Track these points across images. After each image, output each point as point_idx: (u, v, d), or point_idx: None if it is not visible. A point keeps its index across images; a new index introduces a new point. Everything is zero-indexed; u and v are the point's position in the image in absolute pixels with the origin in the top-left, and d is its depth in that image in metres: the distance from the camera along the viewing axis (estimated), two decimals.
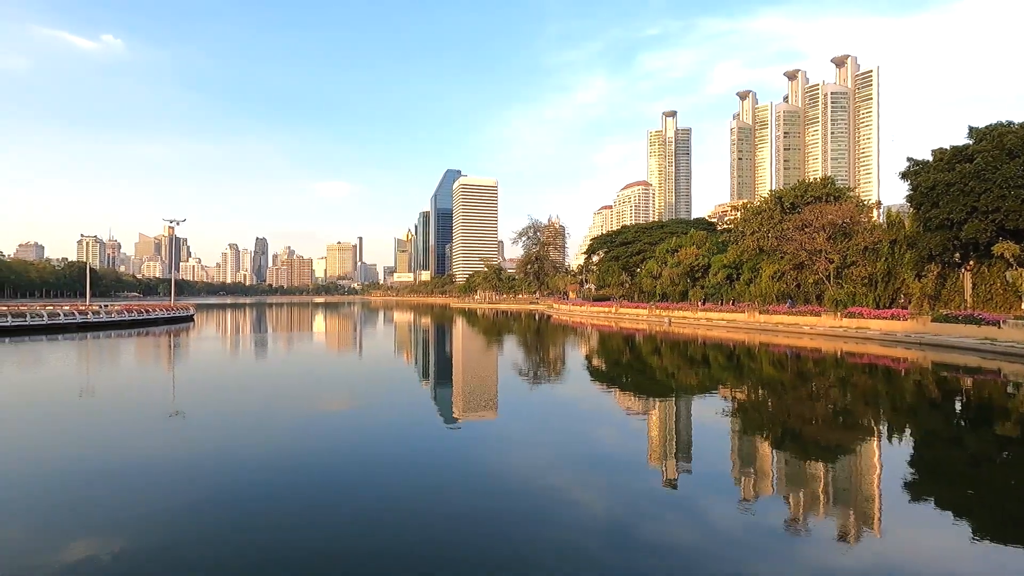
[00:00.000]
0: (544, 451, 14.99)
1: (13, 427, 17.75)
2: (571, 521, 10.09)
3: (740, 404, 22.35)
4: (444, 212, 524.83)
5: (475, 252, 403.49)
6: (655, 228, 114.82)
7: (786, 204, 66.17)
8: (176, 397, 23.55)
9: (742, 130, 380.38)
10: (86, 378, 29.25)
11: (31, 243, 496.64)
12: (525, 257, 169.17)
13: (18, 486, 11.97)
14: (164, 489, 11.72)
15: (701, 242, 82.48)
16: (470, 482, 12.28)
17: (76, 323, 62.22)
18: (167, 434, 16.71)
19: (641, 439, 16.72)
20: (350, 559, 8.66)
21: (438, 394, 24.95)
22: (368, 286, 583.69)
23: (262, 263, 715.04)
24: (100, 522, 10.05)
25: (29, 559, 8.57)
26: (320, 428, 17.76)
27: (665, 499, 11.47)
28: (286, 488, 11.79)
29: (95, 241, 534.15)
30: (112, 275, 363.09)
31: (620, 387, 27.75)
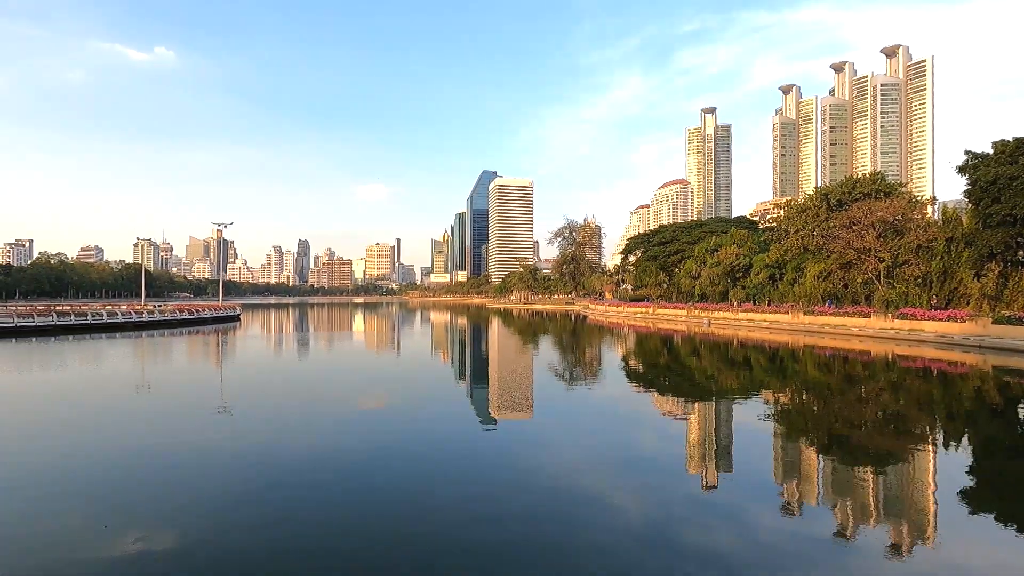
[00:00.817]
0: (579, 452, 14.91)
1: (75, 420, 18.82)
2: (607, 523, 9.99)
3: (783, 408, 21.67)
4: (480, 213, 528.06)
5: (511, 253, 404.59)
6: (694, 227, 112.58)
7: (833, 201, 63.80)
8: (224, 394, 24.48)
9: (785, 125, 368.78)
10: (142, 375, 30.74)
11: (92, 246, 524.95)
12: (561, 257, 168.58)
13: (79, 476, 12.67)
14: (211, 482, 12.21)
15: (742, 241, 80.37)
16: (504, 482, 12.31)
17: (133, 322, 65.51)
18: (215, 429, 17.39)
19: (679, 442, 16.41)
20: (383, 554, 8.82)
21: (474, 394, 25.12)
22: (405, 287, 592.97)
23: (304, 264, 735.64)
24: (150, 512, 10.52)
25: (88, 546, 9.07)
26: (358, 426, 18.14)
27: (705, 504, 11.21)
28: (325, 484, 12.09)
29: (149, 244, 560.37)
30: (165, 276, 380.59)
31: (658, 389, 27.31)
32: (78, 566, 8.36)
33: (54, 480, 12.32)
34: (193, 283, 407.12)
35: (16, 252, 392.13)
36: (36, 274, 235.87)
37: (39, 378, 28.68)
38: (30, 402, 22.41)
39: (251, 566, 8.41)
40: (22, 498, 11.21)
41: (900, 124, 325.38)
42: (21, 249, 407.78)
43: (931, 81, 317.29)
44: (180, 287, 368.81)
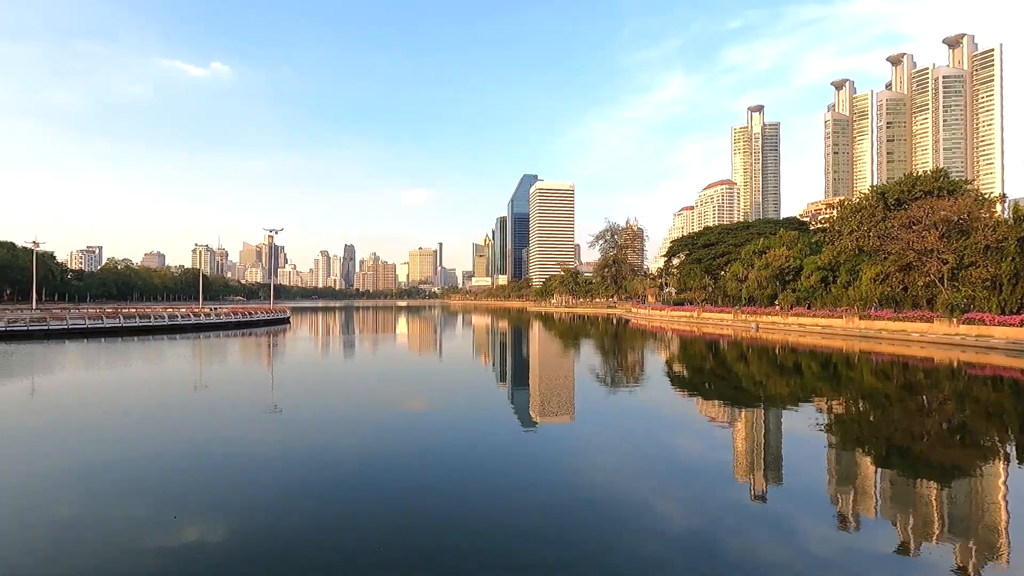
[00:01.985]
0: (622, 458, 14.70)
1: (139, 417, 19.93)
2: (649, 531, 9.81)
3: (838, 416, 20.74)
4: (521, 217, 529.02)
5: (552, 256, 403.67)
6: (740, 229, 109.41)
7: (890, 200, 60.73)
8: (275, 394, 25.39)
9: (838, 122, 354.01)
10: (199, 375, 32.26)
11: (155, 252, 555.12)
12: (602, 260, 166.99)
13: (143, 469, 13.40)
14: (263, 479, 12.68)
15: (792, 243, 77.54)
16: (545, 485, 12.26)
17: (191, 324, 68.88)
18: (266, 428, 18.07)
19: (726, 450, 15.95)
20: (425, 554, 8.93)
21: (515, 397, 25.16)
22: (447, 290, 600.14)
23: (350, 268, 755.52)
24: (206, 506, 11.02)
25: (148, 534, 9.59)
26: (402, 427, 18.45)
27: (753, 514, 10.84)
28: (369, 485, 12.36)
29: (206, 249, 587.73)
30: (220, 281, 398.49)
31: (703, 394, 26.63)
32: (148, 554, 8.84)
33: (122, 472, 13.07)
34: (246, 287, 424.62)
35: (87, 258, 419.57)
36: (105, 279, 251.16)
37: (107, 376, 30.52)
38: (99, 399, 23.86)
39: (295, 560, 8.69)
40: (91, 489, 11.95)
41: (965, 118, 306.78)
42: (92, 255, 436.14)
43: (999, 72, 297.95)
44: (234, 291, 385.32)
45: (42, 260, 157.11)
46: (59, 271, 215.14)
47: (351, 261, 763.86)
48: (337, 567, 8.49)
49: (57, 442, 16.13)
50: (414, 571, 8.43)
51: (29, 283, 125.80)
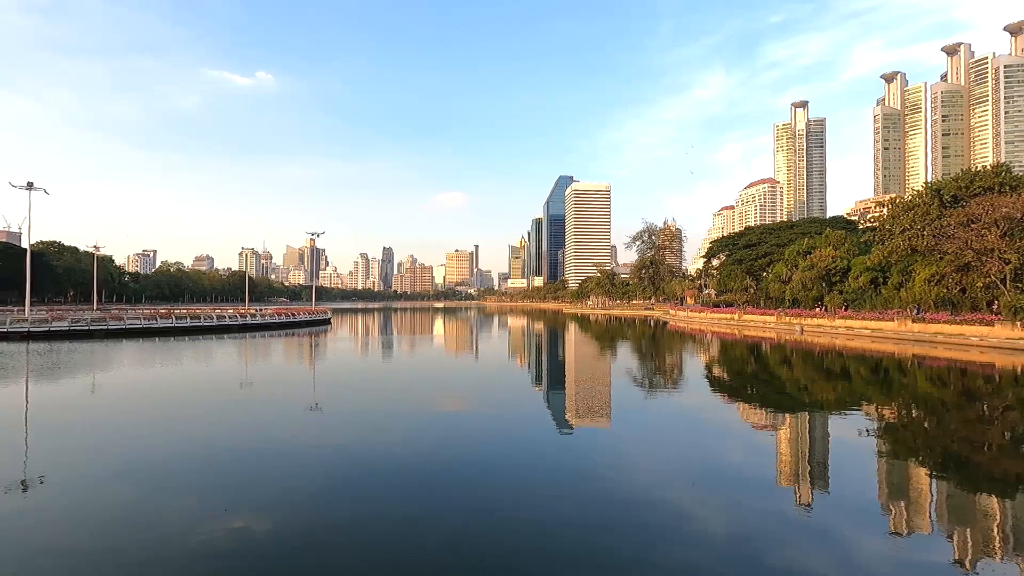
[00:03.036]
0: (660, 462, 14.47)
1: (188, 413, 20.82)
2: (690, 537, 9.63)
3: (889, 424, 19.84)
4: (557, 218, 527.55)
5: (588, 257, 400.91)
6: (784, 228, 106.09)
7: (946, 197, 57.77)
8: (316, 392, 26.09)
9: (888, 116, 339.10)
10: (245, 372, 33.46)
11: (204, 255, 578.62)
12: (639, 262, 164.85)
13: (192, 463, 14.00)
14: (302, 474, 13.05)
15: (839, 242, 74.71)
16: (582, 488, 12.17)
17: (238, 324, 71.49)
18: (307, 426, 18.60)
19: (768, 456, 15.48)
20: (458, 553, 9.00)
21: (551, 399, 25.09)
22: (483, 292, 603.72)
23: (388, 271, 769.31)
24: (250, 499, 11.41)
25: (202, 524, 10.01)
26: (437, 427, 18.66)
27: (797, 523, 10.49)
28: (406, 483, 12.55)
29: (252, 253, 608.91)
30: (265, 283, 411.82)
31: (744, 399, 25.93)
32: (204, 544, 9.24)
33: (175, 466, 13.69)
34: (289, 288, 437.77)
35: (143, 261, 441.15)
36: (159, 280, 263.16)
37: (161, 374, 32.01)
38: (154, 396, 25.03)
39: (334, 551, 8.91)
40: (147, 481, 12.56)
41: None
42: (147, 258, 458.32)
43: None
44: (278, 292, 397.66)
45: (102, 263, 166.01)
46: (117, 274, 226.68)
47: (389, 263, 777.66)
48: (373, 560, 8.66)
49: (115, 436, 17.02)
50: (447, 569, 8.52)
51: (91, 285, 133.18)
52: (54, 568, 8.48)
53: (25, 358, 38.25)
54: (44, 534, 9.68)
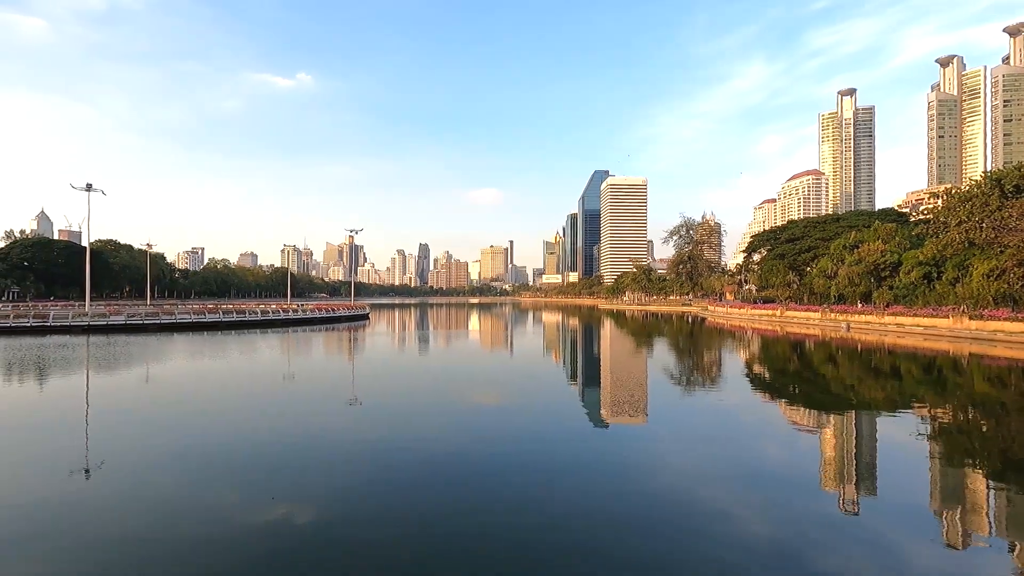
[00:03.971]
0: (697, 461, 14.21)
1: (234, 404, 21.65)
2: (729, 538, 9.42)
3: (943, 425, 18.93)
4: (592, 213, 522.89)
5: (623, 253, 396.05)
6: (829, 222, 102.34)
7: (1008, 186, 54.48)
8: (355, 386, 26.70)
9: (943, 103, 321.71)
10: (288, 366, 34.53)
11: (249, 252, 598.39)
12: (677, 257, 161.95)
13: (239, 453, 14.56)
14: (342, 465, 13.40)
15: (889, 236, 71.56)
16: (616, 485, 12.08)
17: (280, 319, 73.79)
18: (347, 418, 19.07)
19: (812, 457, 15.01)
20: (491, 552, 9.08)
21: (586, 395, 24.97)
22: (518, 287, 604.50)
23: (424, 267, 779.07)
24: (294, 489, 11.80)
25: (250, 512, 10.41)
26: (473, 421, 18.84)
27: (842, 527, 10.14)
28: (442, 476, 12.72)
29: (294, 249, 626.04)
30: (306, 279, 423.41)
31: (787, 398, 25.19)
32: (253, 530, 9.63)
33: (224, 455, 14.28)
34: (329, 284, 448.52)
35: (192, 258, 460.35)
36: (206, 277, 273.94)
37: (209, 367, 33.39)
38: (203, 388, 26.13)
39: (371, 540, 9.12)
40: (197, 469, 13.14)
41: None
42: (195, 255, 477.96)
43: None
44: (318, 288, 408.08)
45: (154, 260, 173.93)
46: (168, 270, 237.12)
47: (425, 259, 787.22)
48: (411, 551, 8.83)
49: (167, 425, 17.84)
50: (482, 563, 8.61)
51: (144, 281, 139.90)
52: (113, 548, 8.97)
53: (86, 350, 40.50)
54: (104, 516, 10.26)
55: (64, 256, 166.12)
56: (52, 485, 11.90)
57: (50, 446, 15.25)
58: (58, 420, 18.98)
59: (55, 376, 28.97)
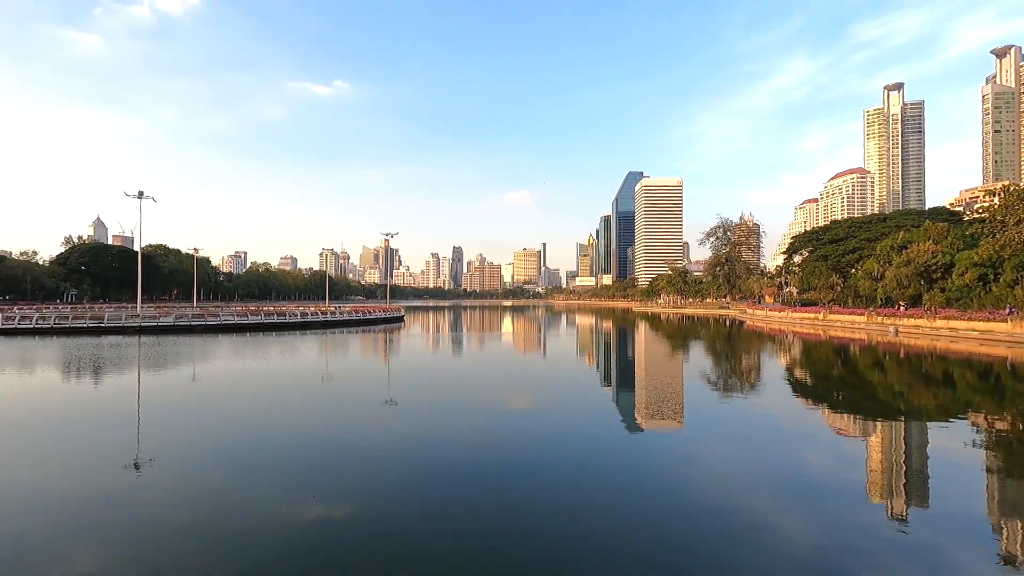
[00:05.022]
0: (736, 467, 13.87)
1: (275, 403, 22.31)
2: (770, 548, 9.16)
3: (1002, 435, 17.93)
4: (626, 215, 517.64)
5: (658, 255, 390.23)
6: (875, 221, 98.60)
7: None
8: (390, 387, 27.13)
9: (1000, 96, 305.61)
10: (326, 367, 35.36)
11: (289, 256, 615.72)
12: (714, 258, 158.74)
13: (280, 451, 14.98)
14: (378, 465, 13.63)
15: (940, 236, 68.38)
16: (651, 491, 11.91)
17: (319, 321, 75.62)
18: (383, 419, 19.40)
19: (857, 466, 14.46)
20: (524, 555, 9.07)
21: (620, 399, 24.71)
22: (551, 290, 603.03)
23: (458, 269, 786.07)
24: (332, 488, 12.08)
25: (293, 509, 10.72)
26: (506, 424, 18.88)
27: (890, 539, 9.73)
28: (474, 478, 12.81)
29: (331, 253, 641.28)
30: (343, 282, 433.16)
31: (830, 404, 24.35)
32: (296, 526, 9.93)
33: (264, 452, 14.74)
34: (365, 287, 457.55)
35: (235, 262, 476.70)
36: (249, 280, 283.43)
37: (252, 367, 34.51)
38: (245, 387, 27.01)
39: (407, 539, 9.26)
40: (241, 465, 13.61)
41: None
42: (239, 259, 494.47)
43: None
44: (355, 291, 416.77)
45: (201, 264, 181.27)
46: (213, 274, 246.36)
47: (459, 262, 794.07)
48: (442, 549, 8.93)
49: (213, 423, 18.55)
50: (514, 565, 8.62)
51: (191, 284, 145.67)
52: (163, 539, 9.37)
53: (137, 350, 42.43)
54: (154, 509, 10.72)
55: (118, 260, 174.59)
56: (108, 478, 12.52)
57: (106, 441, 16.04)
58: (113, 416, 19.95)
59: (110, 375, 30.48)
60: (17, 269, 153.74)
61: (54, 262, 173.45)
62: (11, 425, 18.45)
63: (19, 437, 16.67)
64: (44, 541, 9.33)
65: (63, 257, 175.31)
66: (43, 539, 9.40)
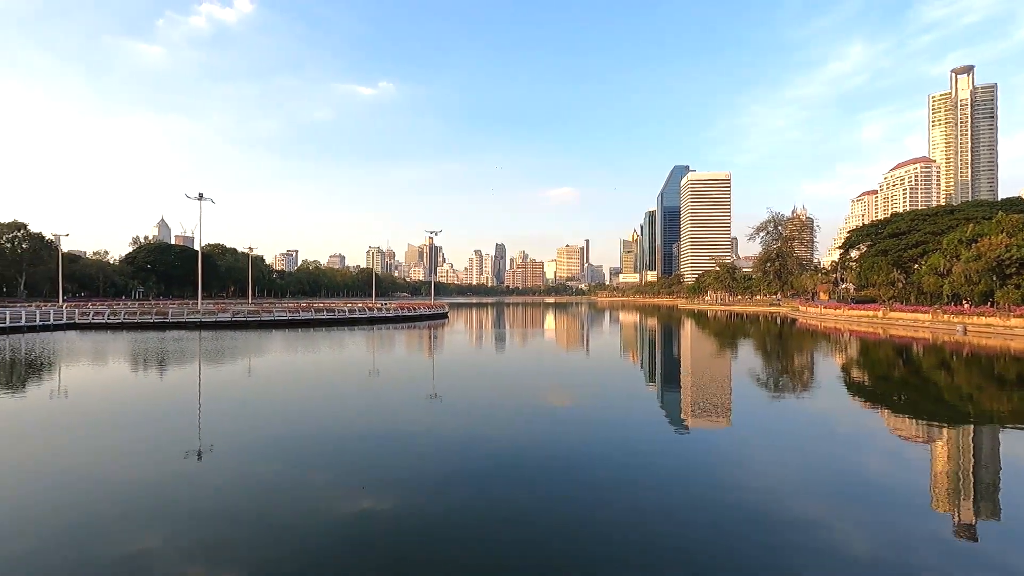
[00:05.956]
0: (788, 470, 13.39)
1: (325, 396, 23.06)
2: (827, 555, 8.81)
3: None
4: (671, 210, 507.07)
5: (705, 250, 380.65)
6: (941, 214, 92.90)
7: None
8: (435, 382, 27.57)
9: None
10: (373, 362, 36.25)
11: (337, 254, 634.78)
12: (764, 254, 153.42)
13: (329, 442, 15.50)
14: (422, 459, 13.88)
15: (1015, 228, 63.75)
16: (697, 492, 11.65)
17: (366, 317, 77.66)
18: (428, 413, 19.74)
19: (920, 472, 13.70)
20: (567, 551, 9.04)
21: (665, 397, 24.26)
22: (594, 287, 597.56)
23: (500, 266, 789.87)
24: (380, 479, 12.39)
25: (344, 499, 11.07)
26: (549, 420, 18.86)
27: (960, 552, 9.17)
28: (518, 474, 12.86)
29: (378, 251, 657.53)
30: (389, 279, 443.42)
31: (891, 407, 23.14)
32: (345, 517, 10.27)
33: (315, 443, 15.28)
34: (410, 284, 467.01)
35: (287, 260, 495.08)
36: (300, 277, 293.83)
37: (302, 360, 35.79)
38: (298, 381, 28.02)
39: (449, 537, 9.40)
40: (292, 455, 14.15)
41: None
42: (290, 257, 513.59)
43: None
44: (400, 288, 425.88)
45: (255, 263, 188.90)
46: (267, 272, 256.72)
47: (501, 259, 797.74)
48: (488, 543, 9.02)
49: (267, 414, 19.34)
50: (557, 561, 8.61)
51: (247, 281, 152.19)
52: (221, 525, 9.86)
53: (198, 344, 44.69)
54: (213, 496, 11.30)
55: (179, 259, 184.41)
56: (172, 465, 13.26)
57: (170, 430, 17.01)
58: (176, 407, 21.14)
59: (173, 367, 32.29)
60: (91, 268, 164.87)
61: (123, 261, 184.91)
62: (86, 414, 19.83)
63: (96, 425, 17.90)
64: (115, 521, 9.97)
65: (131, 256, 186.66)
66: (114, 520, 10.05)
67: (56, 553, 8.76)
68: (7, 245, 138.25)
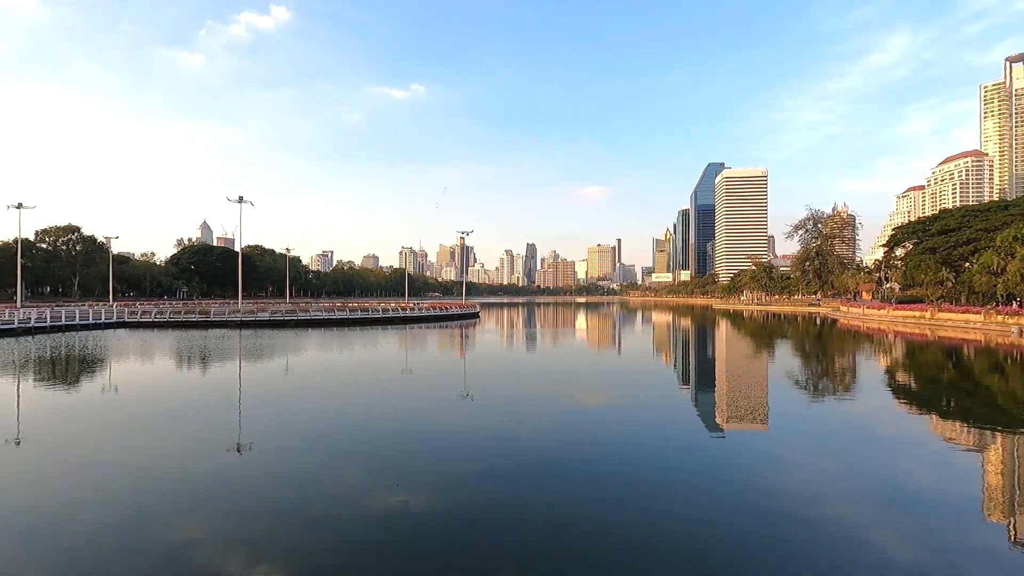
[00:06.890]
0: (828, 476, 13.01)
1: (359, 393, 23.54)
2: (869, 565, 8.54)
3: None
4: (705, 208, 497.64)
5: (740, 249, 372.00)
6: (994, 209, 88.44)
7: None
8: (467, 381, 27.79)
9: None
10: (406, 360, 36.78)
11: (371, 255, 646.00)
12: (803, 252, 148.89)
13: (364, 440, 15.82)
14: (455, 458, 14.03)
15: None
16: (732, 496, 11.42)
17: (399, 317, 78.89)
18: (460, 413, 19.93)
19: (972, 480, 13.10)
20: (598, 552, 8.99)
21: (699, 398, 23.85)
22: (626, 286, 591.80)
23: (531, 266, 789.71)
24: (413, 477, 12.58)
25: (377, 494, 11.30)
26: (582, 421, 18.79)
27: (1014, 565, 8.76)
28: (548, 476, 12.86)
29: (410, 251, 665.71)
30: (421, 279, 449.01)
31: (939, 411, 22.18)
32: (377, 513, 10.49)
33: (349, 440, 15.65)
34: (442, 284, 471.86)
35: (322, 261, 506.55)
36: (335, 278, 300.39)
37: (338, 359, 36.62)
38: (334, 378, 28.69)
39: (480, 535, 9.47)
40: (328, 451, 14.50)
41: None
42: (326, 258, 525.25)
43: None
44: (432, 288, 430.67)
45: (292, 264, 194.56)
46: (303, 272, 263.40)
47: (532, 259, 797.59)
48: (518, 543, 9.06)
49: (303, 411, 19.87)
50: (589, 562, 8.59)
51: (284, 282, 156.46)
52: (258, 518, 10.19)
53: (239, 342, 46.19)
54: (252, 490, 11.69)
55: (221, 260, 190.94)
56: (214, 459, 13.78)
57: (213, 424, 17.67)
58: (219, 402, 21.94)
59: (215, 364, 33.49)
60: (139, 269, 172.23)
61: (168, 262, 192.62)
62: (134, 409, 20.77)
63: (143, 419, 18.73)
64: (161, 513, 10.42)
65: (176, 258, 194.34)
66: (162, 512, 10.50)
67: (111, 543, 9.24)
68: (63, 248, 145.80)
